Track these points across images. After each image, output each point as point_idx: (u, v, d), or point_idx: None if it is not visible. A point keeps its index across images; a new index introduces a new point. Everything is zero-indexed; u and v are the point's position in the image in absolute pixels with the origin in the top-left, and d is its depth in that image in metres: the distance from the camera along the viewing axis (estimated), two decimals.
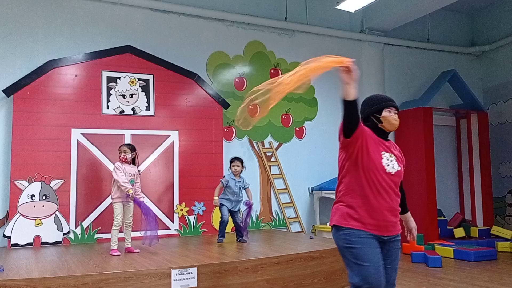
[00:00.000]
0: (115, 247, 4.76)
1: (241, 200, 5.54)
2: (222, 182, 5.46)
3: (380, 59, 8.22)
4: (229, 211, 5.46)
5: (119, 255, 4.67)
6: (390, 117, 2.86)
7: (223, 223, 5.43)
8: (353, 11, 7.00)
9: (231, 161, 5.56)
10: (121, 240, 4.95)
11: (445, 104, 8.72)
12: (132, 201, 4.89)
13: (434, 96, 8.08)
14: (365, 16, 8.03)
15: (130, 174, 4.90)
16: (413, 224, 2.90)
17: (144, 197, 5.13)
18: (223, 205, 5.43)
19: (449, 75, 8.23)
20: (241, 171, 5.53)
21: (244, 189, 5.54)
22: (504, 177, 8.71)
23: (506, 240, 7.46)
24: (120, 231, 4.89)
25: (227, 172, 5.74)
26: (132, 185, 4.86)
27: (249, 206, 5.48)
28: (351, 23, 8.12)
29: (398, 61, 8.54)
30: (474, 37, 9.39)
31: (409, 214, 2.92)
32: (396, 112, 2.88)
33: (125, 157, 4.95)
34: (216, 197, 5.43)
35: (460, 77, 8.29)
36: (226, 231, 5.47)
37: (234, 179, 5.47)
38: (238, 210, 5.56)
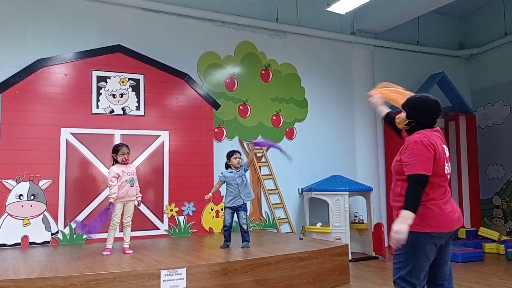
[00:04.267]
0: (109, 246, 4.78)
1: (247, 191, 5.14)
2: (220, 178, 5.24)
3: (370, 61, 8.27)
4: (233, 209, 5.12)
5: (107, 254, 4.68)
6: None
7: (224, 228, 5.17)
8: (343, 13, 7.03)
9: (231, 155, 5.23)
10: (120, 239, 4.97)
11: None
12: (133, 201, 4.93)
13: None
14: (356, 18, 8.08)
15: (128, 174, 4.91)
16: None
17: (141, 196, 5.10)
18: (226, 207, 5.16)
19: (438, 78, 8.31)
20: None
21: (247, 169, 5.25)
22: (491, 179, 8.82)
23: (493, 241, 7.56)
24: (121, 230, 4.97)
25: (223, 170, 5.35)
26: (132, 184, 4.90)
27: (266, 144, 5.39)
28: (341, 25, 8.16)
29: (388, 63, 8.60)
30: (463, 40, 9.49)
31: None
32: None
33: (127, 158, 4.95)
34: (210, 194, 5.19)
35: (448, 79, 8.37)
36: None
37: (232, 172, 5.17)
38: (244, 207, 5.14)
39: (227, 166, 5.30)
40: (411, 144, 2.76)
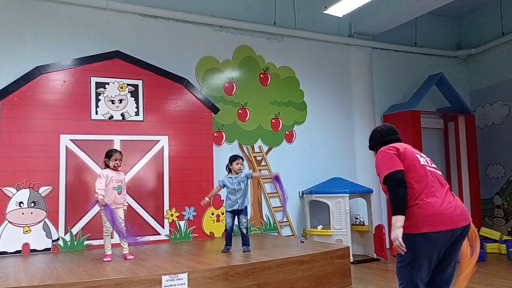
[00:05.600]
0: (108, 252, 4.77)
1: (245, 195, 5.18)
2: (219, 183, 5.27)
3: (368, 63, 8.29)
4: (234, 212, 5.14)
5: (109, 260, 4.67)
6: None
7: (225, 232, 5.19)
8: (341, 16, 7.04)
9: (234, 159, 5.22)
10: (118, 245, 4.98)
11: (433, 107, 8.81)
12: (121, 208, 4.90)
13: (422, 99, 8.17)
14: (353, 21, 8.09)
15: (117, 181, 4.90)
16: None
17: (126, 205, 5.09)
18: (227, 211, 5.19)
19: (436, 78, 8.32)
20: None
21: (250, 178, 5.23)
22: (491, 179, 8.82)
23: (495, 241, 7.54)
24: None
25: (224, 173, 5.36)
26: (120, 192, 4.88)
27: (276, 178, 5.15)
28: (339, 27, 8.18)
29: (386, 65, 8.62)
30: (460, 40, 9.51)
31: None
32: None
33: (119, 164, 4.94)
34: (207, 198, 5.25)
35: (447, 80, 8.38)
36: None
37: (231, 177, 5.18)
38: (244, 211, 5.17)
39: (229, 170, 5.30)
40: (375, 160, 2.97)
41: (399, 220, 2.66)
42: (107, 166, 4.96)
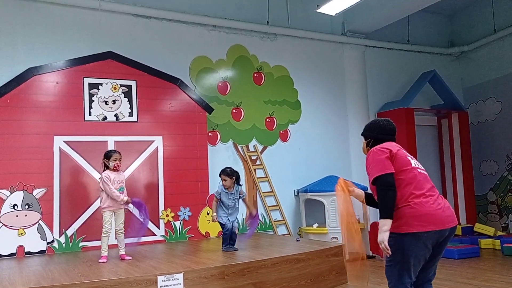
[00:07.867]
0: (104, 254, 4.76)
1: (237, 208, 5.22)
2: (217, 195, 5.15)
3: (361, 61, 8.31)
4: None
5: (104, 262, 4.66)
6: None
7: (226, 231, 5.13)
8: (333, 14, 7.06)
9: (219, 175, 5.20)
10: (114, 246, 4.97)
11: (426, 104, 8.84)
12: (123, 209, 4.89)
13: (415, 96, 8.20)
14: (346, 19, 8.11)
15: (119, 182, 4.87)
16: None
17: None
18: (220, 216, 5.15)
19: (430, 76, 8.36)
20: (233, 184, 5.15)
21: (242, 199, 5.26)
22: (485, 175, 8.87)
23: (489, 237, 7.60)
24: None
25: (219, 184, 5.26)
26: (122, 192, 4.86)
27: (253, 218, 5.35)
28: (332, 26, 8.19)
29: (380, 62, 8.64)
30: (453, 38, 9.55)
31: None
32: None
33: (119, 164, 4.91)
34: (214, 213, 5.13)
35: (440, 77, 8.42)
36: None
37: (227, 192, 5.11)
38: (235, 219, 5.24)
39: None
40: (366, 158, 2.97)
41: (386, 224, 2.71)
42: (106, 167, 4.91)
